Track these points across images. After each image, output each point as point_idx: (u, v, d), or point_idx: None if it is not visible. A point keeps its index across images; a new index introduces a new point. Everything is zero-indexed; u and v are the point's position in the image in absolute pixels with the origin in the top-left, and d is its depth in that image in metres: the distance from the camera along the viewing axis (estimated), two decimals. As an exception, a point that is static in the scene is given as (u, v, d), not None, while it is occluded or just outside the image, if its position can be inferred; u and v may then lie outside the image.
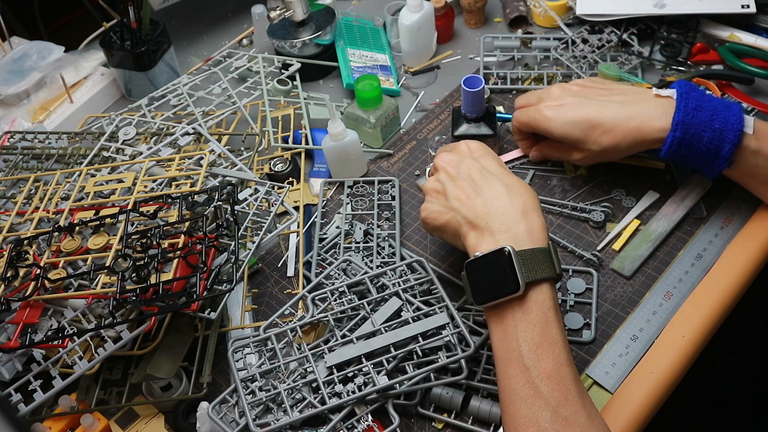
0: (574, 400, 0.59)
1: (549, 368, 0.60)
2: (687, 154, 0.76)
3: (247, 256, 0.78)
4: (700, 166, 0.78)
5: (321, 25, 1.08)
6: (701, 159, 0.76)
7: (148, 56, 1.07)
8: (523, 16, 1.10)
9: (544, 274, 0.62)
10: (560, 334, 0.61)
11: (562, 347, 0.61)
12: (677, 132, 0.75)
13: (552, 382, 0.59)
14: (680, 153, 0.76)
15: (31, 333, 0.71)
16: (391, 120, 0.98)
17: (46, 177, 0.89)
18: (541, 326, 0.61)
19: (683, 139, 0.75)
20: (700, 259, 0.79)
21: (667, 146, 0.76)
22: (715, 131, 0.74)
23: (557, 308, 0.63)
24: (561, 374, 0.59)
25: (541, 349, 0.61)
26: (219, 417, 0.69)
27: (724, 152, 0.75)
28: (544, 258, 0.63)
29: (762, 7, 0.98)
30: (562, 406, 0.58)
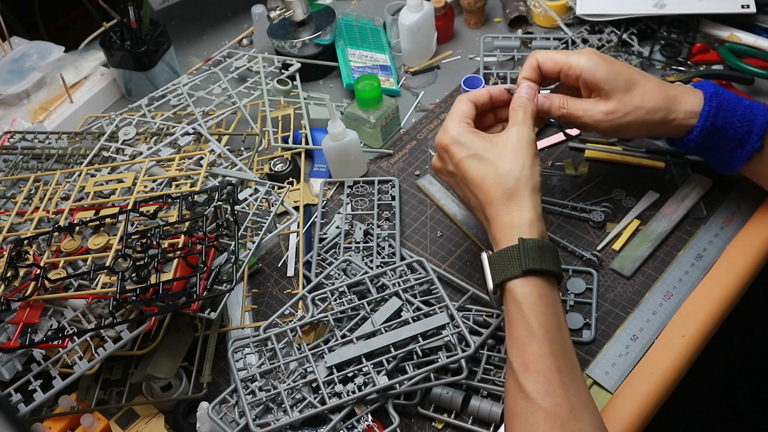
0: (555, 391, 0.59)
1: (528, 361, 0.61)
2: (722, 128, 0.74)
3: (247, 256, 0.78)
4: (730, 149, 0.75)
5: (321, 25, 1.08)
6: (734, 137, 0.74)
7: (148, 56, 1.07)
8: (523, 16, 1.10)
9: (509, 273, 0.64)
10: (541, 328, 0.62)
11: (542, 340, 0.61)
12: (713, 102, 0.73)
13: (530, 374, 0.60)
14: (715, 128, 0.74)
15: (31, 333, 0.71)
16: (391, 120, 0.98)
17: (46, 177, 0.89)
18: (516, 322, 0.63)
19: (719, 111, 0.73)
20: (700, 259, 0.79)
21: (703, 119, 0.73)
22: (746, 106, 0.74)
23: (537, 302, 0.63)
24: (540, 367, 0.60)
25: (519, 343, 0.62)
26: (219, 417, 0.69)
27: (756, 127, 0.73)
28: (510, 257, 0.64)
29: (762, 7, 0.98)
30: (542, 397, 0.59)
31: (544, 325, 0.62)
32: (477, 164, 0.70)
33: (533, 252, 0.64)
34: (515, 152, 0.68)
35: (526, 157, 0.68)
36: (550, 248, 0.65)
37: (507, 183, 0.67)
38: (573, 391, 0.60)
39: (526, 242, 0.64)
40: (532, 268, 0.63)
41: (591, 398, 0.62)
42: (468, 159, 0.70)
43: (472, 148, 0.70)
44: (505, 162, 0.68)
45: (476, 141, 0.70)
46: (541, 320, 0.62)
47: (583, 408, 0.60)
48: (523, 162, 0.68)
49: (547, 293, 0.64)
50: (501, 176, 0.68)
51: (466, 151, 0.70)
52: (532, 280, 0.64)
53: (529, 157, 0.68)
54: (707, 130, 0.74)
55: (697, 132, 0.74)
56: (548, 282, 0.64)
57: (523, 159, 0.68)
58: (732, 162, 0.76)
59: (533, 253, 0.64)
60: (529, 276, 0.64)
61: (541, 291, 0.64)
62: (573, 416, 0.59)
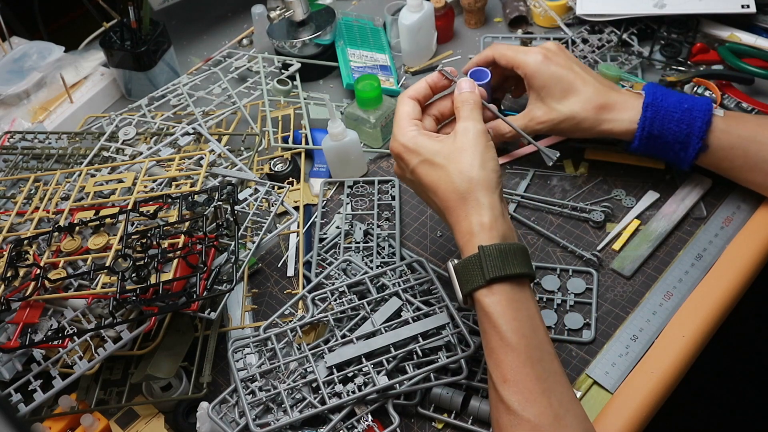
0: (537, 400, 0.58)
1: (505, 372, 0.60)
2: (660, 135, 0.76)
3: (247, 256, 0.78)
4: (674, 152, 0.78)
5: (321, 25, 1.08)
6: (675, 141, 0.77)
7: (148, 56, 1.07)
8: (523, 16, 1.10)
9: (474, 284, 0.62)
10: (514, 335, 0.60)
11: (517, 349, 0.60)
12: (648, 112, 0.76)
13: (509, 385, 0.59)
14: (653, 136, 0.77)
15: (31, 333, 0.71)
16: (391, 120, 0.98)
17: (46, 177, 0.89)
18: (489, 332, 0.62)
19: (655, 119, 0.76)
20: (700, 259, 0.79)
21: (640, 130, 0.77)
22: (685, 111, 0.76)
23: (506, 310, 0.61)
24: (518, 377, 0.59)
25: (495, 354, 0.61)
26: (219, 417, 0.69)
27: (696, 129, 0.75)
28: (473, 267, 0.62)
29: (762, 7, 0.98)
30: (524, 408, 0.58)
31: (517, 332, 0.60)
32: (429, 170, 0.67)
33: (494, 259, 0.61)
34: (464, 151, 0.66)
35: (476, 155, 0.65)
36: (514, 249, 0.62)
37: (460, 186, 0.65)
38: (555, 397, 0.59)
39: (485, 249, 0.62)
40: (495, 276, 0.61)
41: (574, 399, 0.60)
42: (420, 165, 0.68)
43: (423, 154, 0.68)
44: (456, 163, 0.65)
45: (426, 145, 0.68)
46: (513, 327, 0.60)
47: (566, 413, 0.59)
48: (471, 161, 0.65)
49: (516, 297, 0.62)
50: (453, 180, 0.65)
51: (417, 158, 0.68)
52: (498, 288, 0.62)
53: (479, 153, 0.65)
54: (646, 139, 0.78)
55: (637, 141, 0.78)
56: (516, 285, 0.62)
57: (473, 157, 0.65)
58: (680, 163, 0.80)
59: (494, 260, 0.61)
60: (494, 284, 0.62)
61: (510, 296, 0.62)
62: (557, 423, 0.58)
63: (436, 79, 0.75)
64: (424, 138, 0.69)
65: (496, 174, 0.66)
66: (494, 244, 0.62)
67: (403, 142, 0.69)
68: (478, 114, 0.70)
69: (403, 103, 0.73)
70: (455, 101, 0.72)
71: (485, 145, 0.67)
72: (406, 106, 0.72)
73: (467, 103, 0.71)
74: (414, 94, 0.73)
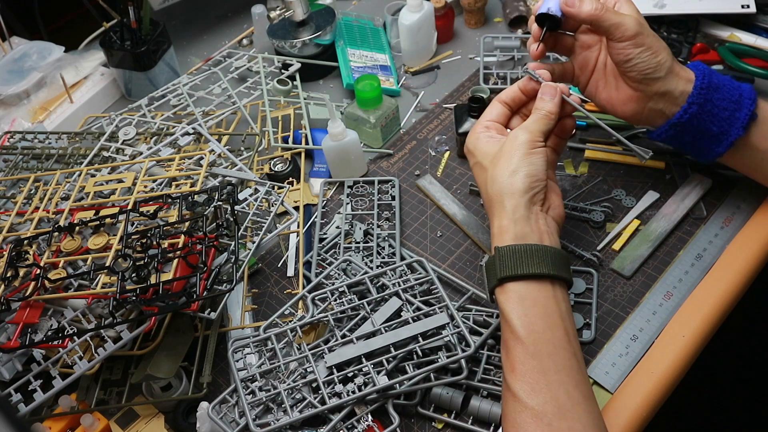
0: (542, 391, 0.60)
1: (514, 363, 0.62)
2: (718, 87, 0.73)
3: (247, 256, 0.78)
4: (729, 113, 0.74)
5: (321, 25, 1.08)
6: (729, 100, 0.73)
7: (148, 56, 1.07)
8: (523, 16, 1.10)
9: (492, 283, 0.66)
10: (523, 330, 0.62)
11: (525, 342, 0.62)
12: (705, 79, 0.73)
13: (516, 374, 0.62)
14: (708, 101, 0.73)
15: (31, 333, 0.71)
16: (391, 120, 0.98)
17: (46, 177, 0.89)
18: (503, 326, 0.65)
19: (710, 85, 0.73)
20: (700, 259, 0.79)
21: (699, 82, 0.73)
22: (735, 86, 0.74)
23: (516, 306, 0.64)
24: (525, 368, 0.61)
25: (506, 346, 0.64)
26: (219, 417, 0.69)
27: (746, 91, 0.73)
28: (491, 267, 0.66)
29: (762, 7, 0.98)
30: (528, 396, 0.60)
31: (526, 327, 0.62)
32: (479, 171, 0.72)
33: (506, 260, 0.65)
34: (503, 157, 0.69)
35: (512, 162, 0.68)
36: (530, 251, 0.65)
37: (491, 190, 0.69)
38: (563, 390, 0.60)
39: (499, 250, 0.66)
40: (505, 275, 0.64)
41: (589, 397, 0.61)
42: (475, 167, 0.73)
43: (477, 156, 0.72)
44: (494, 168, 0.69)
45: (483, 148, 0.72)
46: (523, 323, 0.63)
47: (574, 406, 0.60)
48: (506, 168, 0.68)
49: (531, 296, 0.64)
50: (489, 184, 0.69)
51: (473, 159, 0.73)
52: (510, 286, 0.65)
53: (515, 161, 0.67)
54: (704, 92, 0.73)
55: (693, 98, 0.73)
56: (532, 284, 0.64)
57: (508, 164, 0.68)
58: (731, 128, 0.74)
59: (506, 260, 0.65)
60: (505, 283, 0.65)
61: (521, 295, 0.64)
62: (561, 414, 0.59)
63: (526, 83, 0.74)
64: (482, 142, 0.72)
65: (529, 179, 0.67)
66: (508, 246, 0.66)
67: (467, 143, 0.74)
68: (541, 125, 0.70)
69: (489, 107, 0.76)
70: (536, 104, 0.72)
71: (525, 152, 0.68)
72: (489, 110, 0.76)
73: (538, 112, 0.71)
74: (503, 98, 0.76)
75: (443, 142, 0.98)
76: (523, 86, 0.74)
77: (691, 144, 0.76)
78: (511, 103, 0.75)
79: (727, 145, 0.75)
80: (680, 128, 0.75)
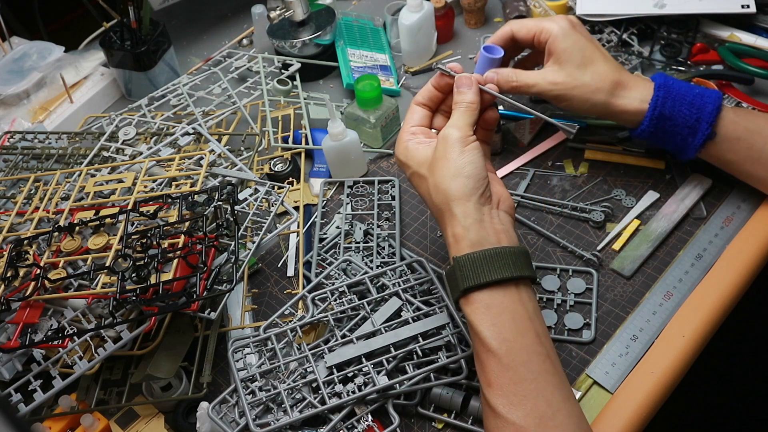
0: (520, 403, 0.59)
1: (489, 377, 0.61)
2: (670, 117, 0.75)
3: (247, 256, 0.78)
4: (682, 137, 0.77)
5: (321, 25, 1.08)
6: (684, 125, 0.76)
7: (148, 56, 1.07)
8: (523, 16, 1.10)
9: (455, 294, 0.64)
10: (494, 341, 0.60)
11: (498, 353, 0.60)
12: (660, 92, 0.75)
13: (493, 389, 0.60)
14: (664, 116, 0.75)
15: (31, 333, 0.71)
16: (391, 120, 0.98)
17: (46, 177, 0.89)
18: (473, 338, 0.64)
19: (666, 99, 0.75)
20: (700, 259, 0.79)
21: (651, 110, 0.75)
22: (696, 95, 0.75)
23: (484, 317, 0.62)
24: (501, 381, 0.60)
25: (479, 359, 0.63)
26: (219, 417, 0.69)
27: (706, 114, 0.75)
28: (452, 278, 0.64)
29: (762, 7, 0.98)
30: (508, 411, 0.59)
31: (497, 338, 0.61)
32: (418, 181, 0.69)
33: (466, 269, 0.62)
34: (439, 161, 0.66)
35: (450, 163, 0.65)
36: (490, 256, 0.62)
37: (436, 199, 0.66)
38: (542, 398, 0.59)
39: (458, 260, 0.63)
40: (468, 285, 0.62)
41: (568, 398, 0.60)
42: (412, 177, 0.70)
43: (412, 166, 0.69)
44: (433, 175, 0.66)
45: (415, 156, 0.69)
46: (493, 333, 0.61)
47: (555, 412, 0.59)
48: (445, 171, 0.65)
49: (496, 303, 0.62)
50: (431, 193, 0.67)
51: (409, 170, 0.70)
52: (474, 296, 0.63)
53: (453, 161, 0.65)
54: (656, 119, 0.76)
55: (647, 121, 0.76)
56: (497, 290, 0.62)
57: (446, 167, 0.65)
58: (686, 149, 0.78)
59: (467, 269, 0.62)
60: (469, 293, 0.63)
61: (487, 303, 0.62)
62: (543, 425, 0.58)
63: (439, 79, 0.74)
64: (413, 149, 0.70)
65: (472, 180, 0.65)
66: (466, 255, 0.63)
67: (397, 154, 0.72)
68: (466, 117, 0.69)
69: (409, 112, 0.74)
70: (454, 99, 0.71)
71: (459, 151, 0.66)
72: (409, 115, 0.74)
73: (459, 106, 0.70)
74: (421, 100, 0.74)
75: (443, 142, 0.98)
76: (436, 83, 0.73)
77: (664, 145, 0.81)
78: (429, 103, 0.74)
79: (687, 158, 0.79)
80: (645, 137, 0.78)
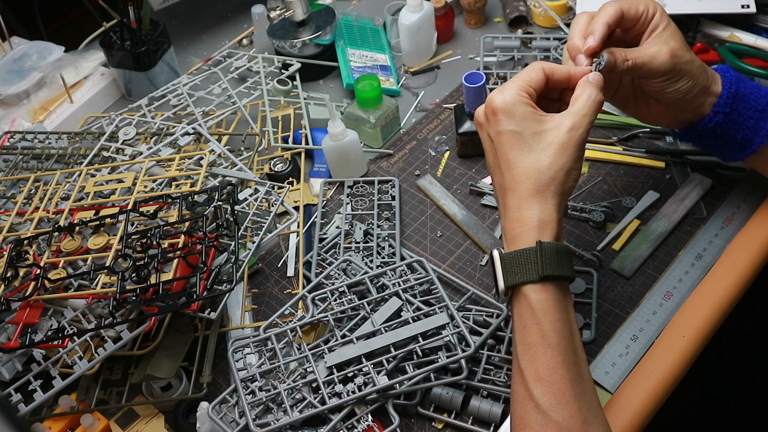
0: (568, 404, 0.58)
1: (540, 371, 0.59)
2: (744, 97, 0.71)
3: (247, 256, 0.78)
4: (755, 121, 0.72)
5: (321, 25, 1.08)
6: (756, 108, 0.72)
7: (148, 56, 1.07)
8: (523, 16, 1.10)
9: (525, 278, 0.60)
10: (556, 335, 0.59)
11: (557, 349, 0.59)
12: (728, 73, 0.72)
13: (543, 384, 0.58)
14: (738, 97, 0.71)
15: (31, 333, 0.71)
16: (391, 120, 0.98)
17: (46, 177, 0.89)
18: (529, 328, 0.60)
19: (739, 78, 0.72)
20: (700, 259, 0.79)
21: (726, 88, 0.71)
22: (763, 94, 0.72)
23: (552, 309, 0.60)
24: (554, 377, 0.58)
25: (532, 350, 0.60)
26: (219, 417, 0.69)
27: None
28: (526, 260, 0.61)
29: (762, 7, 0.98)
30: (554, 410, 0.58)
31: (558, 333, 0.59)
32: (518, 145, 0.62)
33: (551, 257, 0.60)
34: (560, 149, 0.61)
35: (569, 159, 0.62)
36: (567, 251, 0.62)
37: (540, 179, 0.61)
38: (585, 402, 0.58)
39: (545, 246, 0.60)
40: (550, 274, 0.60)
41: (600, 406, 0.60)
42: (511, 134, 0.62)
43: (521, 124, 0.62)
44: (547, 156, 0.61)
45: (527, 117, 0.62)
46: (556, 328, 0.60)
47: (594, 418, 0.58)
48: (563, 163, 0.61)
49: (562, 299, 0.61)
50: (537, 169, 0.61)
51: (513, 125, 0.62)
52: (549, 286, 0.60)
53: (572, 159, 0.62)
54: (732, 98, 0.71)
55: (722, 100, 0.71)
56: (563, 287, 0.62)
57: (566, 160, 0.61)
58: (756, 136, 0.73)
59: (551, 257, 0.60)
60: (546, 282, 0.60)
61: (557, 297, 0.61)
62: (585, 428, 0.57)
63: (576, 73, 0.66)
64: (529, 109, 0.63)
65: (576, 181, 0.63)
66: (553, 243, 0.61)
67: (507, 99, 0.63)
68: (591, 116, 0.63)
69: (533, 69, 0.66)
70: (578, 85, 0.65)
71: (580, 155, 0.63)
72: (532, 73, 0.65)
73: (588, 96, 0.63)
74: (549, 69, 0.66)
75: (443, 142, 0.98)
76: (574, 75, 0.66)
77: (713, 147, 0.76)
78: (550, 78, 0.66)
79: (749, 152, 0.74)
80: (704, 133, 0.73)
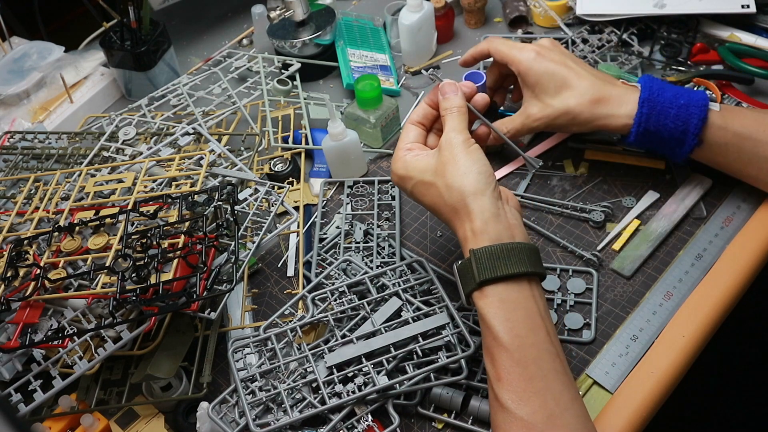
0: (530, 399, 0.59)
1: (499, 371, 0.61)
2: (656, 131, 0.77)
3: (247, 256, 0.78)
4: (670, 147, 0.78)
5: (321, 25, 1.08)
6: (671, 137, 0.77)
7: (148, 56, 1.07)
8: (523, 16, 1.10)
9: (469, 287, 0.64)
10: (507, 335, 0.61)
11: (510, 349, 0.60)
12: (644, 108, 0.76)
13: (503, 384, 0.60)
14: (649, 131, 0.77)
15: (31, 333, 0.71)
16: (391, 120, 0.98)
17: (46, 177, 0.89)
18: (484, 331, 0.64)
19: (650, 116, 0.76)
20: (700, 259, 0.79)
21: (636, 126, 0.77)
22: (681, 107, 0.76)
23: (498, 311, 0.62)
24: (511, 376, 0.60)
25: (489, 352, 0.63)
26: (219, 417, 0.69)
27: (692, 127, 0.75)
28: (467, 270, 0.64)
29: (762, 7, 0.98)
30: (517, 407, 0.59)
31: (509, 333, 0.61)
32: (423, 189, 0.70)
33: (484, 262, 0.63)
34: (448, 164, 0.67)
35: (459, 164, 0.67)
36: (508, 250, 0.63)
37: (449, 199, 0.67)
38: (550, 396, 0.59)
39: (475, 253, 0.64)
40: (485, 278, 0.62)
41: (575, 398, 0.60)
42: (415, 187, 0.71)
43: (414, 176, 0.70)
44: (443, 177, 0.67)
45: (416, 166, 0.70)
46: (506, 328, 0.61)
47: (563, 411, 0.59)
48: (455, 171, 0.67)
49: (511, 298, 0.62)
50: (443, 194, 0.67)
51: (411, 182, 0.71)
52: (489, 290, 0.63)
53: (462, 162, 0.67)
54: (642, 135, 0.78)
55: (633, 137, 0.78)
56: (512, 285, 0.63)
57: (456, 168, 0.67)
58: (674, 157, 0.80)
59: (484, 263, 0.63)
60: (485, 286, 0.63)
61: (502, 297, 0.62)
62: (551, 423, 0.58)
63: (433, 96, 0.75)
64: (413, 161, 0.71)
65: (483, 176, 0.66)
66: (484, 247, 0.64)
67: (395, 170, 0.73)
68: (461, 121, 0.71)
69: (404, 131, 0.75)
70: (440, 108, 0.73)
71: (466, 151, 0.68)
72: (404, 134, 0.75)
73: (450, 112, 0.72)
74: (415, 118, 0.76)
75: (443, 142, 0.98)
76: (430, 100, 0.75)
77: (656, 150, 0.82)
78: (424, 122, 0.76)
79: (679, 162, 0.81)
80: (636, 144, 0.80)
